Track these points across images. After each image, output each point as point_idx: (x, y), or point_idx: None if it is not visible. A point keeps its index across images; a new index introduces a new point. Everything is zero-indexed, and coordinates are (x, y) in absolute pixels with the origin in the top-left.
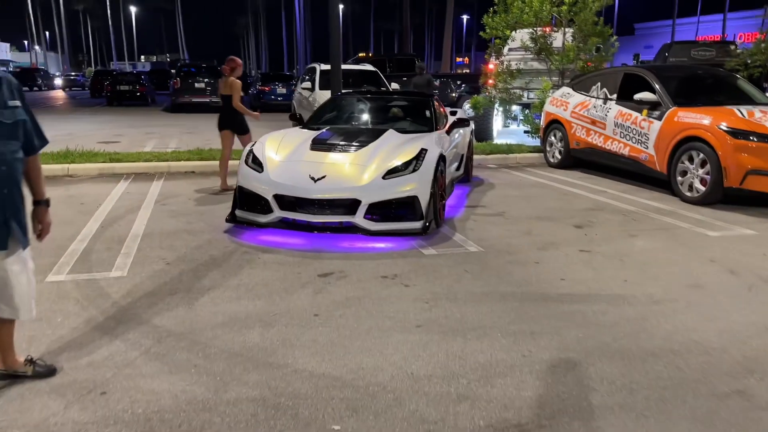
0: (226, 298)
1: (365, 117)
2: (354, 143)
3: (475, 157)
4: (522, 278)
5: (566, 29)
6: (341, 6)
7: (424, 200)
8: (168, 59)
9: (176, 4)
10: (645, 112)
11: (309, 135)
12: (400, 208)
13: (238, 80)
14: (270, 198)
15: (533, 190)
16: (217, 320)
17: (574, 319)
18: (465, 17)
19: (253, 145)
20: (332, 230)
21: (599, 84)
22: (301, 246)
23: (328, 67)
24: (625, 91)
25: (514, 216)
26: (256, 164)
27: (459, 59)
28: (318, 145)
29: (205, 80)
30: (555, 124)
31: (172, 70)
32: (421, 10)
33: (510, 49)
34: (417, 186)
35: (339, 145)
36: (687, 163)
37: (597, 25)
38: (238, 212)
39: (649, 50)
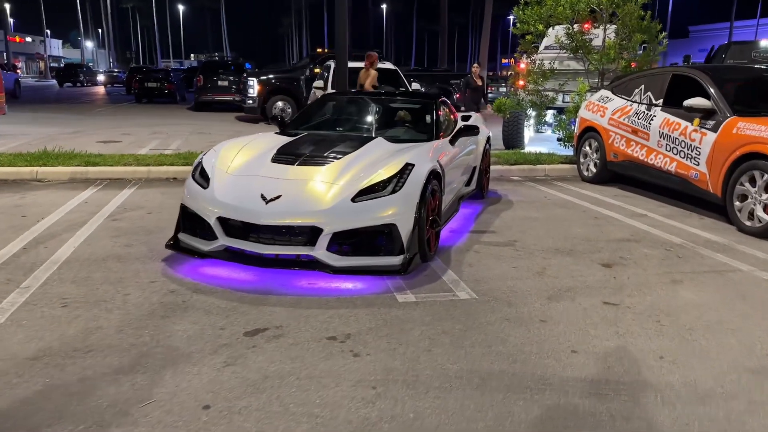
0: (101, 370)
1: (355, 121)
2: (327, 154)
3: (497, 167)
4: (518, 348)
5: (607, 24)
6: (384, 6)
7: (405, 229)
8: (216, 57)
9: (221, 3)
10: (696, 121)
11: (278, 142)
12: (374, 239)
13: (375, 71)
14: (213, 222)
15: (558, 212)
16: (65, 410)
17: (580, 430)
18: (511, 17)
19: (205, 153)
20: (287, 265)
21: (643, 87)
22: (248, 284)
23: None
24: (674, 95)
25: (527, 247)
26: (203, 178)
27: (505, 60)
28: (282, 155)
29: (230, 78)
30: (590, 132)
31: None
32: (466, 10)
33: (546, 47)
34: (397, 211)
35: (307, 156)
36: (747, 185)
37: (643, 20)
38: (181, 236)
39: (704, 54)
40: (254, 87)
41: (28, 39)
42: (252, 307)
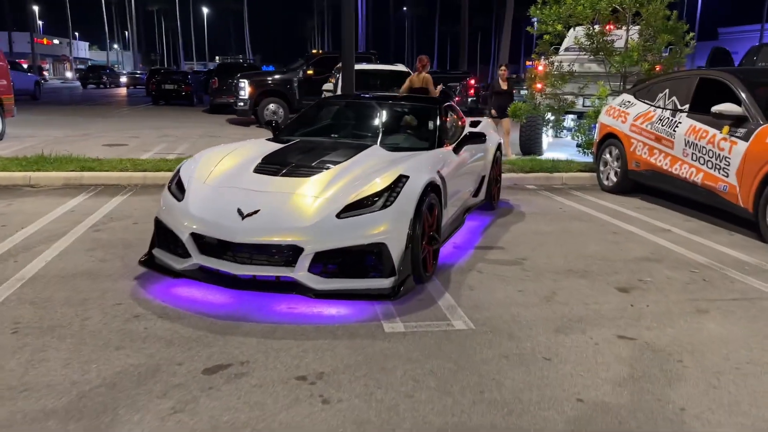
0: (31, 414)
1: (352, 127)
2: (315, 164)
3: (511, 175)
4: (515, 394)
5: (630, 24)
6: (405, 8)
7: (396, 249)
8: (241, 59)
9: (244, 6)
10: (726, 129)
11: (265, 150)
12: (361, 260)
13: (428, 75)
14: (186, 238)
15: (574, 225)
16: None
17: None
18: (535, 20)
19: (184, 162)
20: (265, 287)
21: (667, 91)
22: (221, 308)
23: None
24: (701, 100)
25: (537, 266)
26: (179, 189)
27: (529, 63)
28: (266, 165)
29: None
30: (611, 138)
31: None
32: (491, 13)
33: (566, 49)
34: (387, 228)
35: (293, 166)
36: None
37: (669, 20)
38: (156, 252)
39: (734, 57)
40: (245, 88)
41: (56, 41)
42: (219, 336)
